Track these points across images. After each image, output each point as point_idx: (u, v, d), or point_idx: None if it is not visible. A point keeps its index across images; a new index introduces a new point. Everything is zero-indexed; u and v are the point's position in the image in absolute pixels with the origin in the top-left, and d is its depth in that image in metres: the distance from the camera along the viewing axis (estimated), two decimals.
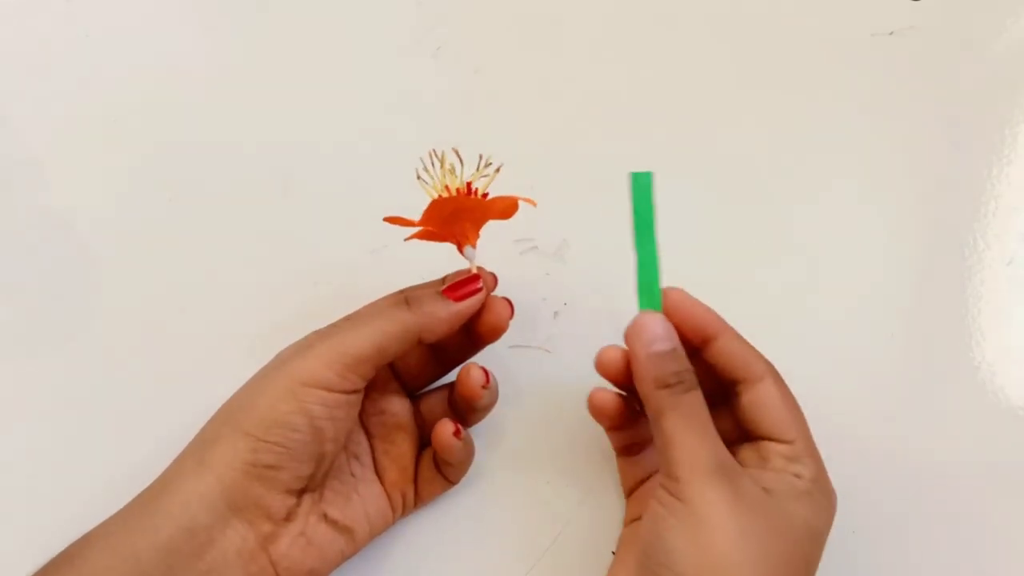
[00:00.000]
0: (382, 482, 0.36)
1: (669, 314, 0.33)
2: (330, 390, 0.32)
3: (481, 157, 0.33)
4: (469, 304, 0.34)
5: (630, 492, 0.37)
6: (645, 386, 0.32)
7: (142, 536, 0.30)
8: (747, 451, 0.33)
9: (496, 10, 0.50)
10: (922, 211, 0.45)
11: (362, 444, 0.37)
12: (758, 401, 0.33)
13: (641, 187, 0.33)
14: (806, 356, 0.42)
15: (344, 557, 0.34)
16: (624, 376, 0.34)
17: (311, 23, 0.50)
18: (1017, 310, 0.43)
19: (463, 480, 0.38)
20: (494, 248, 0.36)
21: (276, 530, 0.32)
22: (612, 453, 0.38)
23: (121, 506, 0.33)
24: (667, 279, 0.43)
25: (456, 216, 0.34)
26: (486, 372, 0.35)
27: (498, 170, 0.33)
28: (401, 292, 0.34)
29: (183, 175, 0.46)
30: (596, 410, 0.35)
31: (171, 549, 0.30)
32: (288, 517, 0.32)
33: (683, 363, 0.32)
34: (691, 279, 0.43)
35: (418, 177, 0.33)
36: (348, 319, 0.34)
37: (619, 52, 0.49)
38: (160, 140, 0.47)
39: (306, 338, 0.34)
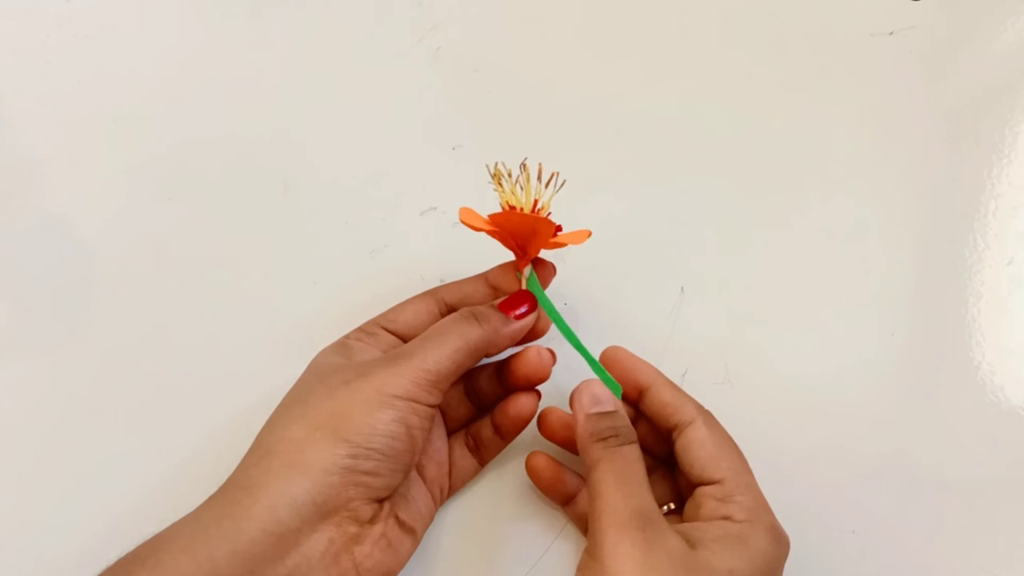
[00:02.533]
0: (424, 480, 0.37)
1: (608, 366, 0.36)
2: (421, 404, 0.32)
3: (553, 175, 0.34)
4: (527, 323, 0.35)
5: None
6: (581, 442, 0.33)
7: (221, 540, 0.29)
8: (690, 504, 0.33)
9: (496, 10, 0.50)
10: (922, 211, 0.45)
11: None
12: (687, 444, 0.33)
13: (532, 283, 0.36)
14: (806, 356, 0.42)
15: (410, 556, 0.35)
16: (564, 435, 0.35)
17: (311, 23, 0.50)
18: (1017, 310, 0.43)
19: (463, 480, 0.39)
20: (495, 249, 0.36)
21: (361, 532, 0.32)
22: None
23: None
24: (671, 278, 0.43)
25: (525, 233, 0.35)
26: (552, 352, 0.36)
27: (560, 184, 0.34)
28: (466, 309, 0.35)
29: (183, 175, 0.46)
30: (532, 473, 0.37)
31: (253, 554, 0.29)
32: (372, 520, 0.32)
33: (621, 421, 0.33)
34: (690, 278, 0.43)
35: (493, 177, 0.34)
36: (421, 339, 0.34)
37: (618, 53, 0.49)
38: (160, 140, 0.47)
39: (385, 355, 0.34)
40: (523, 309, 0.35)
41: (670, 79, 0.48)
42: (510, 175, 0.34)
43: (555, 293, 0.36)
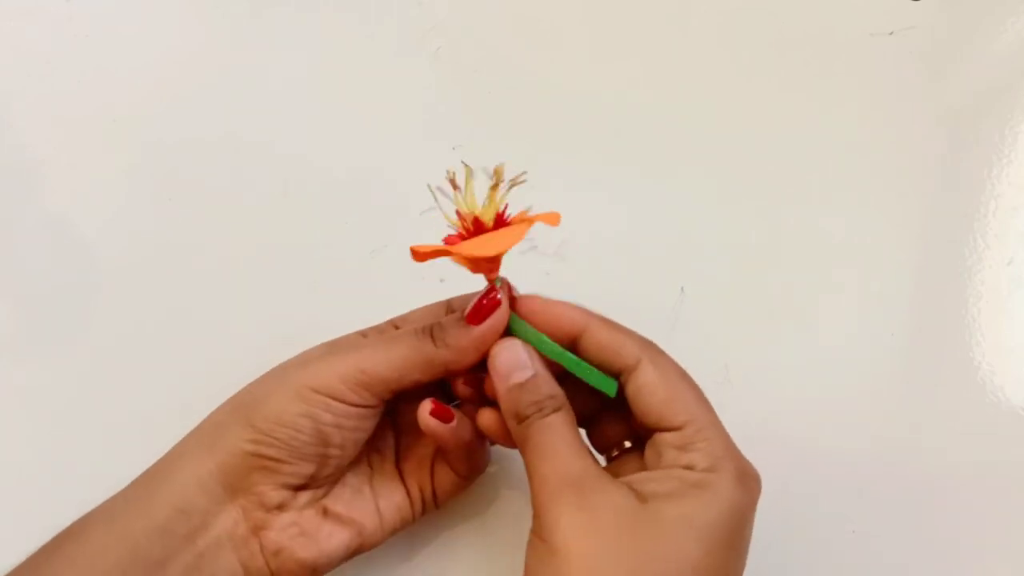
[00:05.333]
0: (402, 476, 0.36)
1: (529, 321, 0.32)
2: (340, 401, 0.32)
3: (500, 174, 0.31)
4: (492, 323, 0.32)
5: None
6: (507, 421, 0.31)
7: (139, 517, 0.31)
8: (650, 450, 0.31)
9: (496, 10, 0.50)
10: (922, 211, 0.45)
11: (387, 440, 0.36)
12: (637, 390, 0.31)
13: (514, 324, 0.32)
14: (806, 355, 0.42)
15: (351, 551, 0.34)
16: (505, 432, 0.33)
17: (311, 23, 0.50)
18: (1017, 310, 0.43)
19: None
20: None
21: (268, 518, 0.32)
22: None
23: None
24: (671, 278, 0.43)
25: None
26: (436, 407, 0.33)
27: (505, 181, 0.31)
28: (429, 324, 0.33)
29: (183, 175, 0.46)
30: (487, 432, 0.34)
31: (166, 530, 0.31)
32: (281, 507, 0.33)
33: (543, 389, 0.31)
34: (690, 278, 0.43)
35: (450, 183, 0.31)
36: (378, 335, 0.34)
37: (618, 53, 0.49)
38: (160, 140, 0.47)
39: (335, 341, 0.35)
40: (485, 310, 0.32)
41: (670, 79, 0.48)
42: (454, 184, 0.31)
43: (554, 293, 0.36)
